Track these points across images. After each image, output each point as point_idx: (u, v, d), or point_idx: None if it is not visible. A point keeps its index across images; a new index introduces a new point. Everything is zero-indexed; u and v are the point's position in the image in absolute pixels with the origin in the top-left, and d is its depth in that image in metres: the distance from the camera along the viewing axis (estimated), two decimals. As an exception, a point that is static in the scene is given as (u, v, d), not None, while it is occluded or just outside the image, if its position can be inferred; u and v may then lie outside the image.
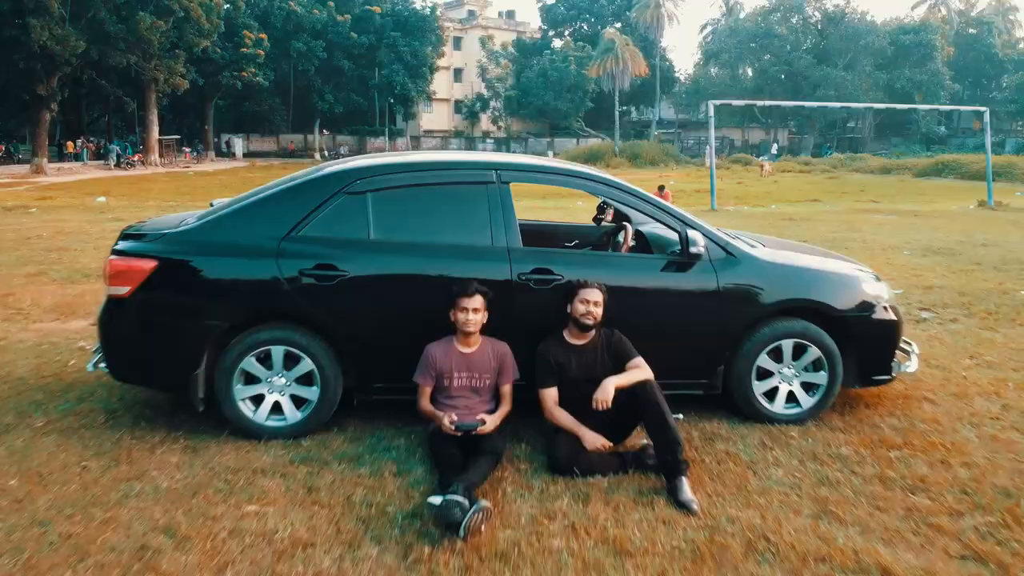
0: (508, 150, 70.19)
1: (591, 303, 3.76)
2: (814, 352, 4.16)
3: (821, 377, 4.19)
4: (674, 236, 4.24)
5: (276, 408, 3.92)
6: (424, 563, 2.77)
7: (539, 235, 5.08)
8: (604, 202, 5.30)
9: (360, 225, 3.97)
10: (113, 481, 3.46)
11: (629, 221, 5.13)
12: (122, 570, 2.76)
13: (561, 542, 2.93)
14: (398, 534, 2.98)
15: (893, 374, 4.39)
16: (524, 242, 4.12)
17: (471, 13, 75.53)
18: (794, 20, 63.67)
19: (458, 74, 75.41)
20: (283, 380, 3.91)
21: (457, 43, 74.05)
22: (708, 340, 4.12)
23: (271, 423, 3.89)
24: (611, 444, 3.63)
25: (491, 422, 3.61)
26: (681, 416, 4.18)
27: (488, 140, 71.74)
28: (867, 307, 4.30)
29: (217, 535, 2.98)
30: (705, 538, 2.96)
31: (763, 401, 4.18)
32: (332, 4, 55.56)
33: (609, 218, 5.73)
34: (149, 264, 3.83)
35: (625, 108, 73.50)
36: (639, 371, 3.68)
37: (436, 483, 3.33)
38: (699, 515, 3.15)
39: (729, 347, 4.12)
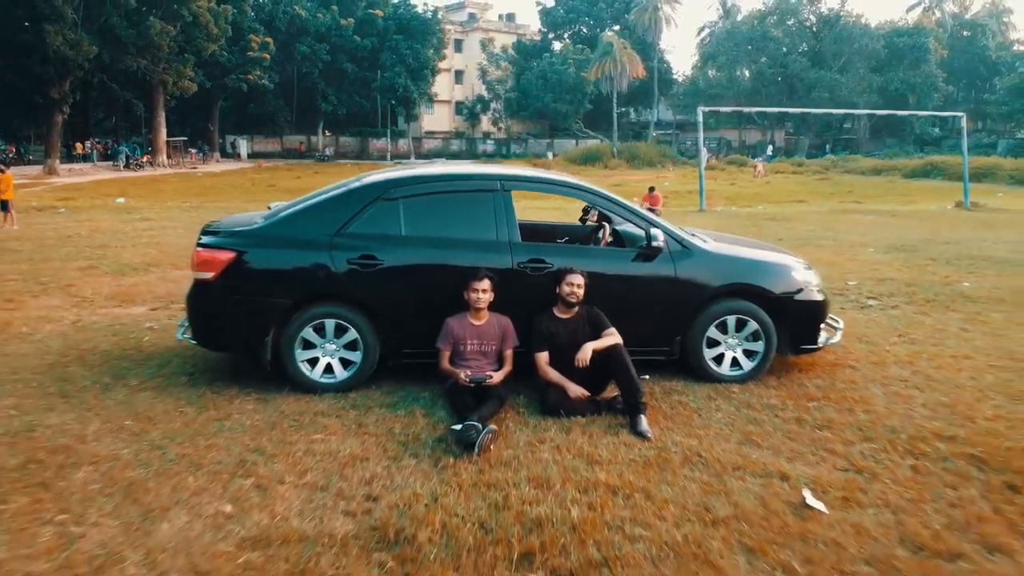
0: (508, 151, 71.26)
1: (575, 285, 4.82)
2: (753, 326, 5.22)
3: (759, 346, 5.26)
4: (643, 233, 5.29)
5: (328, 368, 4.98)
6: (449, 469, 3.83)
7: (536, 232, 6.14)
8: (588, 206, 6.36)
9: (394, 224, 5.03)
10: (207, 420, 4.52)
11: (609, 221, 6.18)
12: (229, 474, 3.82)
13: (549, 456, 3.99)
14: (429, 452, 4.04)
15: (819, 344, 5.46)
16: (523, 238, 5.18)
17: (472, 16, 76.56)
18: (790, 23, 64.73)
19: (459, 76, 76.39)
20: (333, 346, 4.97)
21: (458, 45, 75.06)
22: (668, 316, 5.18)
23: (324, 380, 4.95)
24: (589, 394, 4.69)
25: (497, 377, 4.67)
26: (647, 376, 5.24)
27: (488, 141, 72.72)
28: (797, 290, 5.36)
29: (295, 454, 4.04)
30: (654, 454, 4.03)
31: (712, 365, 5.25)
32: (336, 8, 56.65)
33: (593, 218, 6.78)
34: (229, 255, 4.89)
35: (624, 110, 74.56)
36: (611, 338, 4.74)
37: (453, 419, 4.38)
38: (651, 441, 4.21)
39: (684, 321, 5.18)
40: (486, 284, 4.77)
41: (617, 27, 70.44)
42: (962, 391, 5.17)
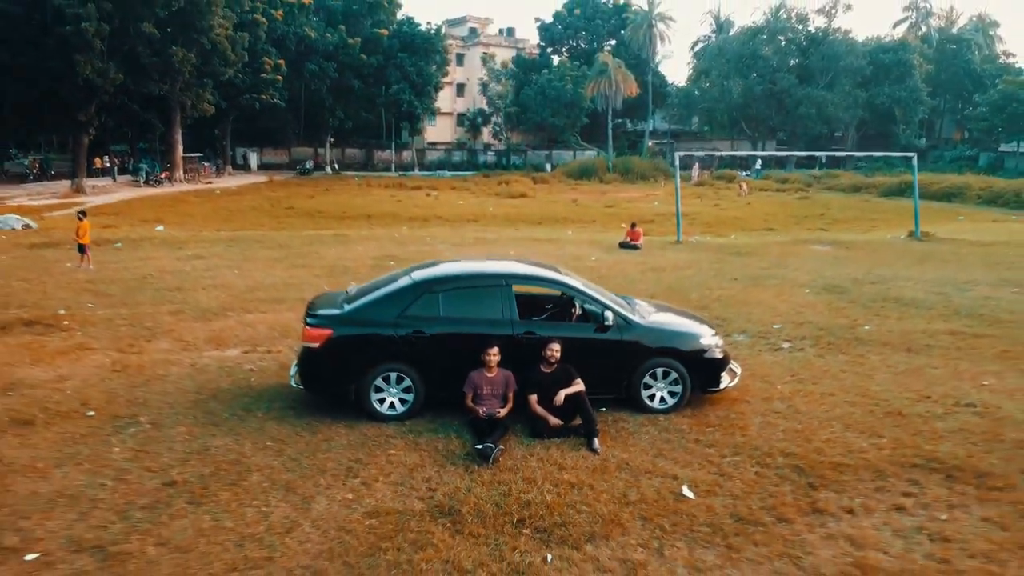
0: (508, 161, 73.82)
1: (554, 351, 7.37)
2: (675, 375, 7.78)
3: (678, 389, 7.82)
4: (612, 305, 7.85)
5: (391, 405, 7.53)
6: (475, 472, 6.38)
7: (530, 301, 8.66)
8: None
9: (434, 309, 7.59)
10: (319, 441, 7.06)
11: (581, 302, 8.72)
12: (344, 476, 6.36)
13: (535, 464, 6.54)
14: (462, 461, 6.59)
15: (721, 387, 8.02)
16: (519, 307, 7.72)
17: (473, 31, 79.14)
18: (781, 40, 67.27)
19: (461, 89, 78.96)
20: (395, 390, 7.52)
21: (460, 59, 77.62)
22: (617, 369, 7.74)
23: (389, 412, 7.50)
24: (562, 423, 7.25)
25: (503, 412, 7.22)
26: (604, 408, 7.79)
27: (489, 152, 75.31)
28: (704, 351, 7.92)
29: (380, 462, 6.59)
30: (599, 463, 6.58)
31: (647, 401, 7.80)
32: (343, 27, 59.17)
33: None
34: (327, 332, 7.45)
35: (620, 120, 77.14)
36: (578, 386, 7.29)
37: (475, 441, 6.92)
38: (599, 454, 6.76)
39: (628, 372, 7.74)
40: (495, 350, 7.32)
41: (613, 42, 73.20)
42: (813, 420, 7.73)
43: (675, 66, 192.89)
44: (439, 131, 77.89)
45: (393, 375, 7.50)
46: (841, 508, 5.92)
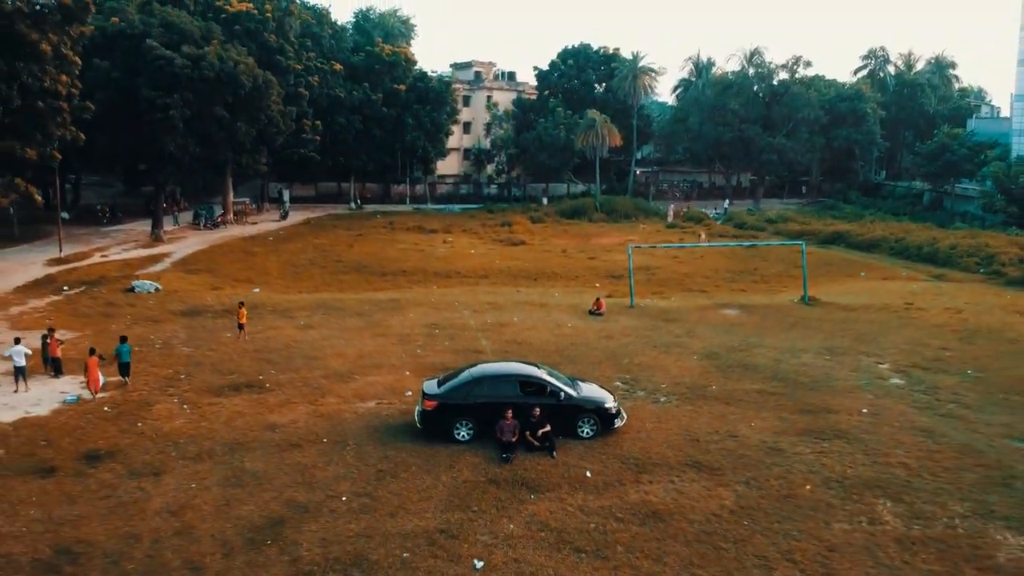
0: (509, 193, 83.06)
1: (536, 412, 16.55)
2: (593, 420, 16.95)
3: (595, 428, 16.97)
4: (563, 389, 17.03)
5: (464, 437, 16.69)
6: (505, 466, 15.54)
7: (526, 383, 17.75)
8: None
9: (482, 390, 16.80)
10: (435, 451, 16.21)
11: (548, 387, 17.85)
12: (447, 463, 15.52)
13: (529, 463, 15.71)
14: (496, 465, 15.73)
15: (615, 427, 17.20)
16: (520, 388, 16.91)
17: (478, 75, 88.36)
18: (754, 88, 76.17)
19: (467, 126, 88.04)
20: (465, 430, 16.68)
21: (467, 100, 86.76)
22: (566, 419, 16.90)
23: (463, 440, 16.66)
24: (539, 445, 16.41)
25: (514, 440, 16.40)
26: (560, 437, 16.94)
27: (492, 185, 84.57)
28: (608, 407, 17.13)
29: (462, 458, 15.76)
30: (551, 463, 15.75)
31: (580, 434, 16.95)
32: (367, 84, 68.30)
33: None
34: (435, 403, 16.65)
35: (609, 155, 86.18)
36: (546, 428, 16.46)
37: (500, 453, 16.03)
38: (555, 459, 15.93)
39: (574, 420, 16.90)
40: (510, 412, 16.47)
41: (603, 85, 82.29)
42: (652, 442, 16.86)
43: (665, 85, 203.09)
44: (447, 164, 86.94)
45: (464, 422, 16.65)
46: (644, 479, 15.07)
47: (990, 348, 25.40)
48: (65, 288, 33.83)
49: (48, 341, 21.22)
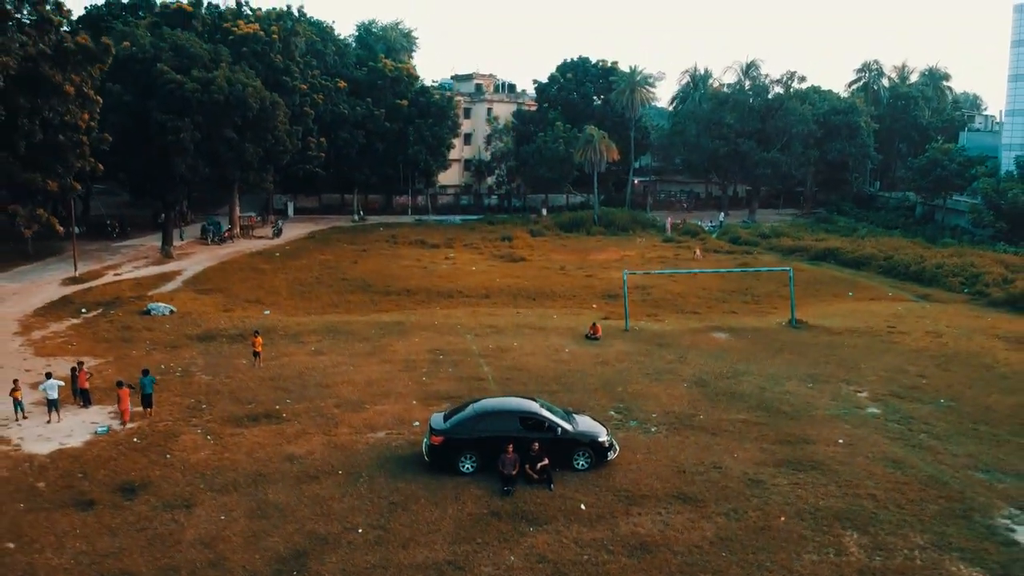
0: (509, 203, 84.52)
1: (535, 447, 17.97)
2: (588, 453, 18.37)
3: (589, 460, 18.39)
4: (559, 423, 18.45)
5: (468, 469, 18.09)
6: (507, 499, 16.96)
7: (526, 419, 19.18)
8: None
9: (485, 425, 18.21)
10: (441, 481, 17.63)
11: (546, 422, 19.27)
12: (452, 493, 16.94)
13: (528, 496, 17.12)
14: (499, 498, 17.15)
15: (610, 458, 18.61)
16: (520, 423, 18.33)
17: (478, 87, 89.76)
18: (749, 102, 77.45)
19: (468, 138, 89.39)
20: (469, 463, 18.09)
21: (467, 112, 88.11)
22: (563, 453, 18.30)
23: (467, 472, 18.07)
24: (537, 478, 17.84)
25: (515, 473, 17.82)
26: (557, 470, 18.36)
27: (493, 196, 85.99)
28: (602, 440, 18.56)
29: (466, 490, 17.18)
30: (549, 495, 17.17)
31: (575, 466, 18.37)
32: (369, 100, 69.73)
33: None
34: (441, 438, 18.07)
35: (607, 166, 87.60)
36: (545, 461, 17.88)
37: (502, 485, 17.45)
38: (552, 491, 17.34)
39: (571, 452, 18.31)
40: (511, 447, 17.89)
41: (602, 98, 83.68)
42: (642, 473, 18.26)
43: (665, 89, 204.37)
44: (448, 175, 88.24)
45: (468, 456, 18.06)
46: (634, 511, 16.49)
47: (965, 375, 26.82)
48: (83, 310, 35.23)
49: (78, 373, 22.62)
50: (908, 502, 17.16)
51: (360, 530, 15.66)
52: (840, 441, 20.56)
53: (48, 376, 21.90)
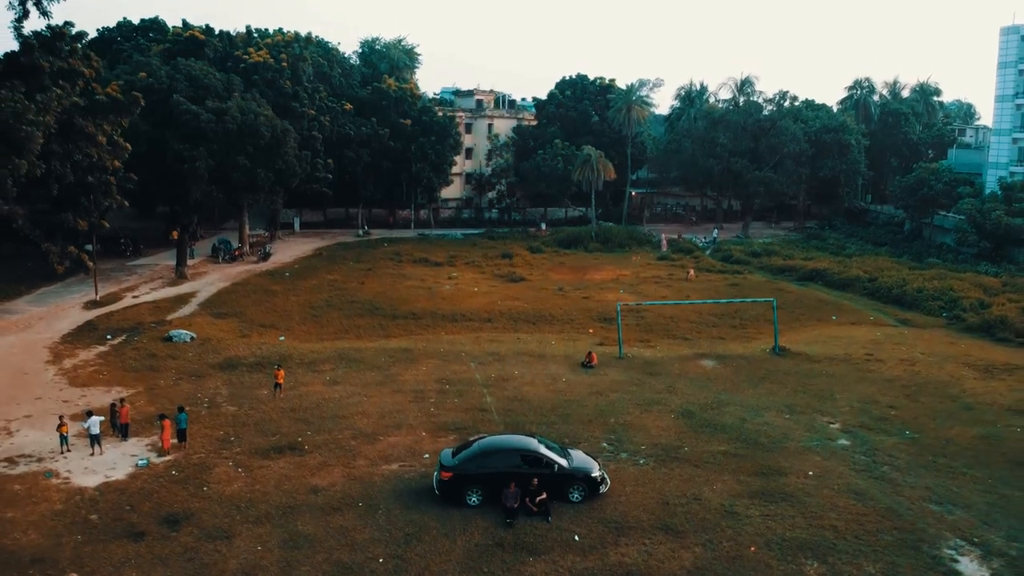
0: (510, 217, 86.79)
1: (534, 481, 20.16)
2: (582, 486, 20.58)
3: (583, 493, 20.59)
4: (556, 459, 20.65)
5: (474, 502, 20.28)
6: (509, 529, 19.15)
7: (526, 456, 21.36)
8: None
9: (490, 461, 20.43)
10: (449, 512, 19.81)
11: (547, 457, 21.47)
12: (461, 522, 19.13)
13: (527, 528, 19.31)
14: (501, 528, 19.34)
15: (601, 491, 20.81)
16: (520, 459, 20.54)
17: (479, 103, 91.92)
18: (742, 123, 79.67)
19: (469, 152, 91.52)
20: (475, 497, 20.28)
21: (468, 127, 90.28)
22: (559, 486, 20.50)
23: (473, 504, 20.25)
24: (536, 511, 20.03)
25: (516, 506, 20.01)
26: (554, 502, 20.55)
27: (494, 209, 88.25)
28: (595, 474, 20.78)
29: (472, 521, 19.37)
30: (546, 526, 19.35)
31: (571, 499, 20.56)
32: (375, 119, 71.91)
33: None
34: (450, 473, 20.28)
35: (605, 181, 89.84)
36: (543, 495, 20.07)
37: (505, 518, 19.63)
38: (550, 522, 19.53)
39: (564, 487, 20.51)
40: (512, 485, 20.08)
41: (598, 118, 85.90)
42: (630, 505, 20.45)
43: (663, 94, 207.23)
44: (450, 188, 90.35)
45: (475, 489, 20.25)
46: (623, 542, 18.68)
47: (932, 406, 29.02)
48: (108, 336, 37.40)
49: (119, 409, 24.79)
50: (865, 533, 19.34)
51: (381, 560, 17.84)
52: (810, 473, 22.75)
53: (89, 414, 24.07)
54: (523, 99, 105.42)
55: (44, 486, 21.57)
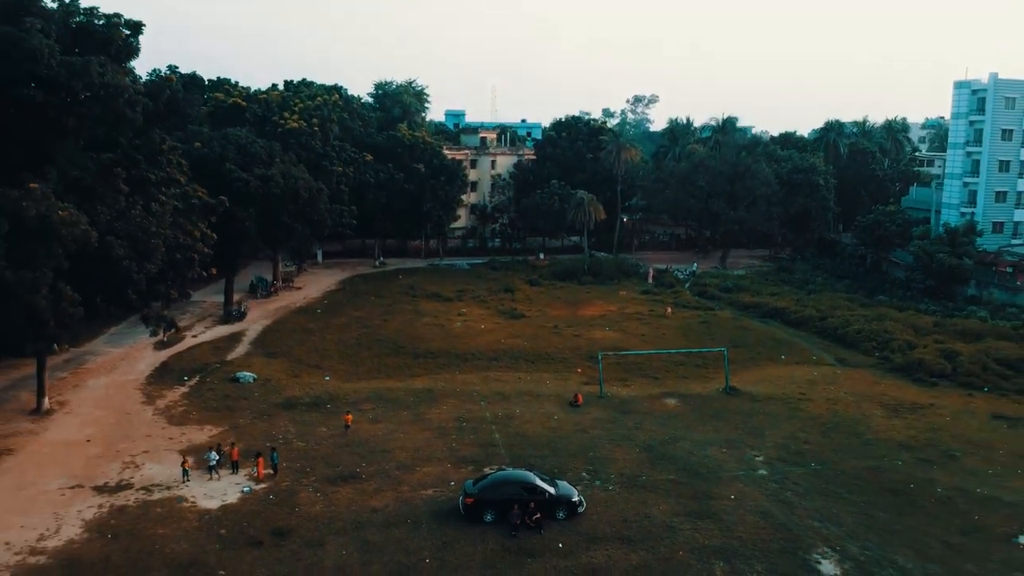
0: (511, 245, 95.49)
1: (531, 505, 28.73)
2: (566, 508, 29.17)
3: (566, 513, 29.17)
4: (548, 488, 29.24)
5: (490, 519, 28.81)
6: (514, 537, 27.70)
7: (525, 485, 29.88)
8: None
9: (501, 489, 29.03)
10: (470, 527, 28.35)
11: (540, 485, 30.04)
12: (478, 535, 27.70)
13: (525, 539, 27.87)
14: (508, 539, 27.85)
15: (580, 511, 29.40)
16: (521, 488, 29.13)
17: (483, 141, 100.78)
18: (719, 169, 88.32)
19: (474, 185, 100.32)
20: (490, 516, 28.82)
21: (473, 163, 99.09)
22: (550, 509, 29.05)
23: (488, 522, 28.80)
24: (534, 525, 28.58)
25: (518, 523, 28.59)
26: (546, 520, 29.08)
27: (496, 240, 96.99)
28: (573, 499, 29.38)
29: (489, 535, 27.95)
30: (540, 537, 27.92)
31: (557, 518, 29.15)
32: (391, 165, 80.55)
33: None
34: (472, 499, 28.87)
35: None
36: (539, 515, 28.63)
37: (511, 532, 28.13)
38: (543, 535, 28.10)
39: (553, 509, 29.07)
40: (516, 507, 28.62)
41: (590, 155, 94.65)
42: (591, 524, 29.00)
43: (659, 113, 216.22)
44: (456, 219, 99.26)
45: (489, 511, 28.80)
46: (592, 548, 27.24)
47: (839, 442, 37.55)
48: (185, 378, 45.97)
49: (228, 451, 33.32)
50: (762, 542, 27.88)
51: (427, 560, 26.38)
52: (732, 497, 31.28)
53: (210, 449, 32.67)
54: (523, 119, 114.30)
55: (179, 508, 30.09)
